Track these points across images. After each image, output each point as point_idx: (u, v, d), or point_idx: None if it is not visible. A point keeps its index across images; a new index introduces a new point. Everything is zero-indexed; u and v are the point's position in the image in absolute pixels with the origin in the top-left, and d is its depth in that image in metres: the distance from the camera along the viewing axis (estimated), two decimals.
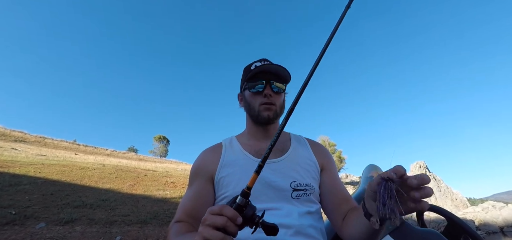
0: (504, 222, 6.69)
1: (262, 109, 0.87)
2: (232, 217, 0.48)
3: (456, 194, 14.43)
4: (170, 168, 11.99)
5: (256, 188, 0.75)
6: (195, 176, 0.87)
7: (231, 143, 0.93)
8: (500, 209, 7.22)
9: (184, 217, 0.80)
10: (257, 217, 0.51)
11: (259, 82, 0.88)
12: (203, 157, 0.91)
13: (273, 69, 0.88)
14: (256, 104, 0.89)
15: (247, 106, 0.93)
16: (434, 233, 1.09)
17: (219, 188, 0.83)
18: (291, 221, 0.74)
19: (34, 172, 6.50)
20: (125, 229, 4.04)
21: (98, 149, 16.99)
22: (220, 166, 0.84)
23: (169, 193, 6.82)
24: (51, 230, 3.50)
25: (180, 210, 0.82)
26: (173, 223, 0.80)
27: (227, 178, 0.81)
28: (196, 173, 0.88)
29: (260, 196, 0.77)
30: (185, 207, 0.82)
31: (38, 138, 15.04)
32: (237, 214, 0.49)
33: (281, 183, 0.79)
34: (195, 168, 0.89)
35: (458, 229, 1.11)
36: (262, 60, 0.94)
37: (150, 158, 19.08)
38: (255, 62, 0.93)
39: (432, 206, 1.27)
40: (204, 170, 0.86)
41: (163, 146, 29.51)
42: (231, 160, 0.85)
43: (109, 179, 7.26)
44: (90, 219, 4.14)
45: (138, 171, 9.20)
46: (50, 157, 9.68)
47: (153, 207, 5.39)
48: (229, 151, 0.89)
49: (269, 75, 0.88)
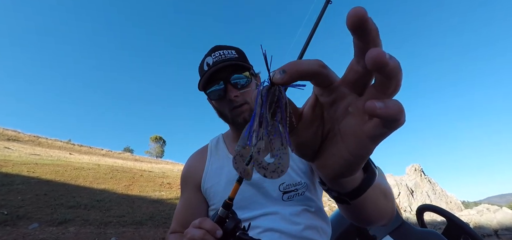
0: (498, 225, 6.78)
1: (234, 115, 0.76)
2: (210, 230, 0.48)
3: (450, 197, 14.55)
4: (166, 169, 11.89)
5: (246, 196, 0.73)
6: (184, 185, 0.86)
7: (217, 146, 0.88)
8: (494, 212, 7.32)
9: (178, 227, 0.79)
10: (239, 231, 0.50)
11: (217, 84, 0.74)
12: (189, 165, 0.88)
13: (227, 62, 0.73)
14: (225, 111, 0.77)
15: (218, 114, 0.83)
16: (434, 233, 1.08)
17: (208, 198, 0.81)
18: (285, 226, 0.70)
19: (27, 171, 6.39)
20: (120, 230, 3.98)
21: (93, 149, 16.80)
22: (205, 175, 0.81)
23: (165, 194, 6.75)
24: (44, 231, 3.43)
25: (174, 221, 0.81)
26: (169, 234, 0.79)
27: (213, 189, 0.79)
28: (184, 182, 0.86)
29: (250, 204, 0.74)
30: (178, 217, 0.81)
31: (32, 137, 14.82)
32: (216, 227, 0.48)
33: (270, 188, 0.74)
34: (183, 177, 0.87)
35: (458, 229, 1.11)
36: (212, 51, 0.77)
37: (146, 158, 18.93)
38: (206, 56, 0.78)
39: (432, 206, 1.27)
40: (190, 180, 0.84)
41: (159, 147, 29.33)
42: (215, 168, 0.81)
43: (104, 179, 7.17)
44: (84, 219, 4.07)
45: (133, 172, 9.10)
46: (44, 156, 9.54)
47: (148, 208, 5.32)
48: (214, 158, 0.84)
49: (226, 71, 0.74)
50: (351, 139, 0.23)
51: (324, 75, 0.23)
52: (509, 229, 6.54)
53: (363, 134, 0.22)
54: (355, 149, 0.23)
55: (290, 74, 0.22)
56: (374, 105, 0.19)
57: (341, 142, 0.25)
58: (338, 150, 0.25)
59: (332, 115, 0.26)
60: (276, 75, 0.22)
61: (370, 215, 0.41)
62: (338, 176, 0.27)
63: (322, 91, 0.25)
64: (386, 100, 0.19)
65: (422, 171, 15.55)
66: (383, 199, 0.43)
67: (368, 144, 0.22)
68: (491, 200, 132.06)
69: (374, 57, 0.18)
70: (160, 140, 29.91)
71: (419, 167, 15.49)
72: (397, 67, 0.19)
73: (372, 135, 0.21)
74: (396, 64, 0.19)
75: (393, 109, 0.19)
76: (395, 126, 0.20)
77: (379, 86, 0.21)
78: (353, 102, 0.23)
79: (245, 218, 0.71)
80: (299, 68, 0.22)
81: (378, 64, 0.18)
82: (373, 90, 0.22)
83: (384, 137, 0.22)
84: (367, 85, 0.23)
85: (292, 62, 0.22)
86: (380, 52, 0.18)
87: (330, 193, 0.35)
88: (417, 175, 14.85)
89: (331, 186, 0.34)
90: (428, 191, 14.03)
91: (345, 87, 0.24)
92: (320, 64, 0.23)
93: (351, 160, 0.24)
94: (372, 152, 0.24)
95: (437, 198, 13.78)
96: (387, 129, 0.20)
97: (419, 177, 14.95)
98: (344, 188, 0.33)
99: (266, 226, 0.71)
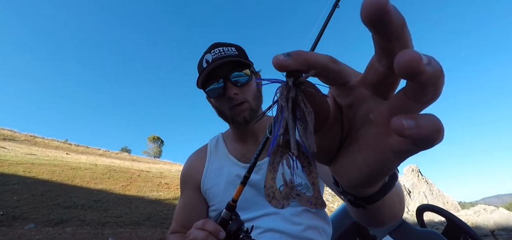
0: (495, 225, 6.84)
1: (234, 114, 0.74)
2: (213, 232, 0.48)
3: (447, 198, 14.64)
4: (164, 169, 11.84)
5: (246, 197, 0.73)
6: (184, 186, 0.85)
7: (216, 145, 0.86)
8: (491, 212, 7.38)
9: (179, 228, 0.79)
10: (242, 233, 0.50)
11: (216, 82, 0.72)
12: (188, 165, 0.87)
13: (226, 59, 0.71)
14: (225, 109, 0.75)
15: (218, 113, 0.81)
16: (434, 233, 1.08)
17: (207, 199, 0.80)
18: (285, 227, 0.71)
19: (23, 171, 6.32)
20: (118, 231, 3.95)
21: (90, 148, 16.68)
22: (204, 176, 0.80)
23: (163, 194, 6.71)
24: (41, 232, 3.39)
25: (174, 221, 0.81)
26: (169, 235, 0.79)
27: (212, 190, 0.78)
28: (184, 182, 0.85)
29: (251, 205, 0.74)
30: (178, 218, 0.81)
31: (28, 137, 14.68)
32: (219, 229, 0.48)
33: None
34: (182, 177, 0.86)
35: (458, 229, 1.11)
36: (212, 48, 0.75)
37: (143, 158, 18.83)
38: (205, 53, 0.76)
39: (432, 206, 1.28)
40: (190, 180, 0.83)
41: (157, 147, 29.19)
42: (215, 169, 0.80)
43: (102, 179, 7.12)
44: (81, 220, 4.04)
45: (131, 172, 9.05)
46: (40, 156, 9.45)
47: (146, 208, 5.29)
48: (214, 158, 0.83)
49: (225, 68, 0.71)
50: (371, 151, 0.19)
51: (335, 71, 0.19)
52: (506, 229, 6.60)
53: (386, 148, 0.18)
54: (376, 163, 0.19)
55: (295, 59, 0.18)
56: (402, 124, 0.15)
57: (359, 153, 0.21)
58: (355, 162, 0.21)
59: (351, 119, 0.22)
60: (279, 56, 0.18)
61: (384, 218, 0.37)
62: (354, 187, 0.23)
63: (338, 91, 0.21)
64: (418, 118, 0.15)
65: (419, 171, 15.63)
66: (398, 202, 0.40)
67: (392, 160, 0.18)
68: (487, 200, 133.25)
69: (405, 63, 0.14)
70: (158, 140, 29.78)
71: (416, 167, 15.59)
72: (437, 74, 0.14)
73: (398, 151, 0.17)
74: (437, 69, 0.14)
75: (426, 130, 0.14)
76: (429, 146, 0.15)
77: (411, 92, 0.16)
78: (375, 108, 0.19)
79: (246, 219, 0.71)
80: (306, 56, 0.18)
81: (410, 73, 0.14)
82: (402, 96, 0.17)
83: (413, 154, 0.17)
84: (394, 87, 0.18)
85: (299, 50, 0.19)
86: (413, 56, 0.13)
87: (345, 196, 0.31)
88: (414, 176, 14.94)
89: (347, 190, 0.30)
90: (425, 192, 14.11)
91: (364, 89, 0.20)
92: (331, 58, 0.19)
93: (370, 174, 0.20)
94: (395, 168, 0.20)
95: (434, 198, 13.87)
96: (417, 147, 0.16)
97: (417, 177, 15.04)
98: (361, 193, 0.29)
99: (266, 226, 0.71)
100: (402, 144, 0.16)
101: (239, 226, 0.50)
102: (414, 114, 0.16)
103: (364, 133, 0.20)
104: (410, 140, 0.15)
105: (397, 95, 0.17)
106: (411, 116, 0.15)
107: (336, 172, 0.25)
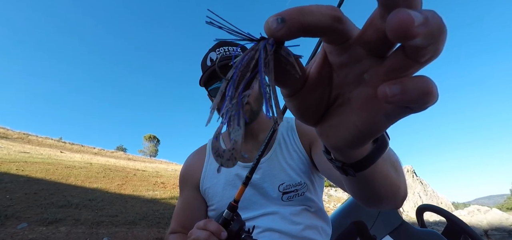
0: (488, 225, 6.98)
1: None
2: (215, 232, 0.48)
3: (441, 198, 14.84)
4: (160, 168, 11.77)
5: (245, 196, 0.72)
6: (183, 185, 0.85)
7: None
8: (484, 212, 7.52)
9: (178, 227, 0.79)
10: (244, 233, 0.50)
11: (219, 82, 0.73)
12: (187, 164, 0.87)
13: (231, 59, 0.70)
14: None
15: (218, 113, 0.82)
16: (434, 233, 1.09)
17: (206, 199, 0.80)
18: (285, 226, 0.70)
19: (16, 170, 6.22)
20: (113, 230, 3.90)
21: (85, 147, 16.50)
22: (203, 176, 0.80)
23: (159, 193, 6.67)
24: (34, 231, 3.34)
25: (174, 221, 0.80)
26: (168, 235, 0.79)
27: (211, 189, 0.78)
28: (183, 181, 0.85)
29: (250, 205, 0.74)
30: (177, 218, 0.80)
31: (21, 135, 14.46)
32: (220, 229, 0.49)
33: (269, 189, 0.73)
34: (181, 177, 0.86)
35: (458, 229, 1.12)
36: (217, 47, 0.76)
37: (139, 157, 18.71)
38: (210, 51, 0.77)
39: (432, 206, 1.28)
40: (189, 180, 0.83)
41: (153, 146, 28.98)
42: (214, 168, 0.80)
43: (97, 178, 7.05)
44: (75, 219, 3.99)
45: (127, 171, 8.98)
46: (34, 154, 9.31)
47: (142, 208, 5.25)
48: (212, 157, 0.82)
49: (228, 69, 0.72)
50: (362, 112, 0.18)
51: (339, 31, 0.16)
52: (499, 229, 6.74)
53: (379, 110, 0.17)
54: (366, 124, 0.18)
55: (289, 28, 0.15)
56: (384, 92, 0.14)
57: (350, 114, 0.19)
58: (345, 122, 0.20)
59: (343, 79, 0.20)
60: (272, 23, 0.16)
61: (380, 191, 0.34)
62: (341, 149, 0.22)
63: (333, 48, 0.19)
64: (405, 82, 0.14)
65: (414, 172, 15.82)
66: (393, 172, 0.36)
67: (383, 121, 0.17)
68: (480, 201, 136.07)
69: (395, 26, 0.12)
70: (154, 139, 29.58)
71: (411, 168, 15.77)
72: (434, 32, 0.13)
73: (390, 113, 0.16)
74: (435, 27, 0.13)
75: (414, 94, 0.14)
76: (421, 108, 0.15)
77: (410, 51, 0.14)
78: (370, 68, 0.17)
79: (245, 218, 0.72)
80: (304, 20, 0.15)
81: (402, 37, 0.13)
82: (401, 55, 0.15)
83: (406, 116, 0.16)
84: (392, 47, 0.16)
85: (295, 9, 0.15)
86: (403, 18, 0.12)
87: (333, 163, 0.30)
88: (409, 176, 15.12)
89: (335, 156, 0.29)
90: (419, 192, 14.29)
91: (360, 48, 0.17)
92: (335, 17, 0.16)
93: (359, 136, 0.19)
94: (385, 130, 0.19)
95: (429, 199, 14.04)
96: (410, 109, 0.15)
97: (411, 178, 15.22)
98: (350, 158, 0.28)
99: (265, 226, 0.71)
100: (393, 107, 0.16)
101: (240, 226, 0.50)
102: (409, 75, 0.15)
103: (357, 94, 0.19)
104: (397, 105, 0.15)
105: (395, 53, 0.16)
106: (397, 81, 0.15)
107: (321, 133, 0.23)
